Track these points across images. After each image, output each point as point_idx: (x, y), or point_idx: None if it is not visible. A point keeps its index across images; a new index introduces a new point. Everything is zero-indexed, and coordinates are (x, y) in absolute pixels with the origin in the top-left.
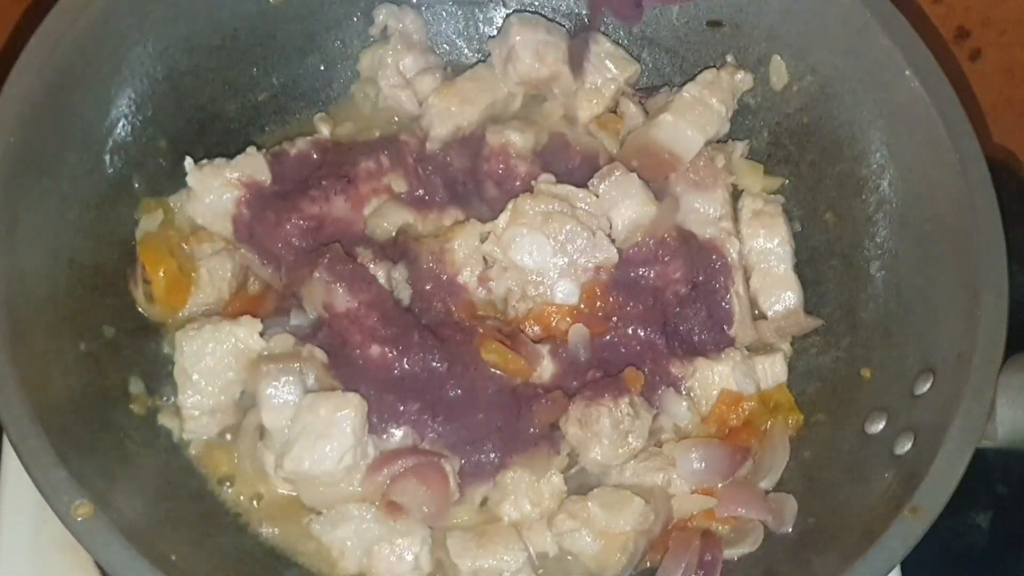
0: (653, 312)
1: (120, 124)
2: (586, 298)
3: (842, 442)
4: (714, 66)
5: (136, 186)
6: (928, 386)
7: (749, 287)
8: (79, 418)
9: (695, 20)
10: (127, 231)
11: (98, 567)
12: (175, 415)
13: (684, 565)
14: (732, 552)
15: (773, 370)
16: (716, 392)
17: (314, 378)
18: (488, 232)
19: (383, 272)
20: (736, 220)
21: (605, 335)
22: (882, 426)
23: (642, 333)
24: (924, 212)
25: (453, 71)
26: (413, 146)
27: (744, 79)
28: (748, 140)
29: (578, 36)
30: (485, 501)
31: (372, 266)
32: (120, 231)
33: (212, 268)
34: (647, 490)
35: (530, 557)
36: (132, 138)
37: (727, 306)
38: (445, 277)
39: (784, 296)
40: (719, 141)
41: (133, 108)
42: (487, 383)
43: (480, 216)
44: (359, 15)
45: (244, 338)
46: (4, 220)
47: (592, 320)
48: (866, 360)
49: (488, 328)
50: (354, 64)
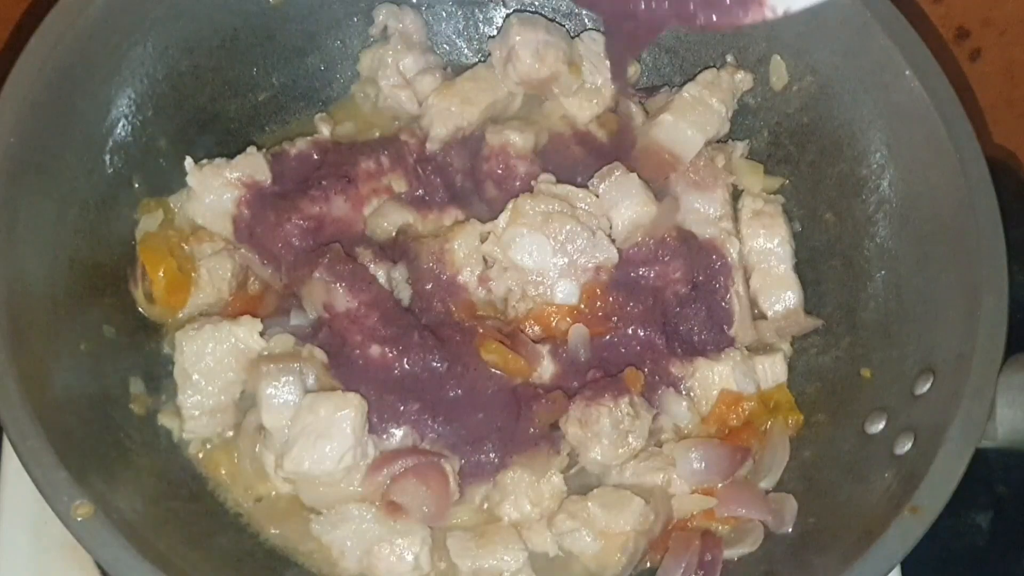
0: (653, 312)
1: (120, 124)
2: (586, 298)
3: (842, 442)
4: (714, 66)
5: (136, 186)
6: (928, 386)
7: (749, 287)
8: (79, 418)
9: None
10: (127, 231)
11: (98, 567)
12: (175, 415)
13: (684, 565)
14: (732, 552)
15: (773, 370)
16: (716, 392)
17: (314, 378)
18: (488, 232)
19: (383, 272)
20: (736, 220)
21: (605, 335)
22: (882, 426)
23: (642, 333)
24: (924, 212)
25: (453, 71)
26: (413, 146)
27: (744, 79)
28: (748, 140)
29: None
30: (485, 501)
31: (372, 266)
32: (120, 231)
33: (212, 268)
34: (647, 490)
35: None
36: (132, 138)
37: (727, 306)
38: (445, 277)
39: (784, 296)
40: (719, 141)
41: (133, 108)
42: (487, 383)
43: (480, 216)
44: (359, 15)
45: (244, 338)
46: (4, 220)
47: (592, 320)
48: (866, 360)
49: (488, 328)
50: (354, 64)
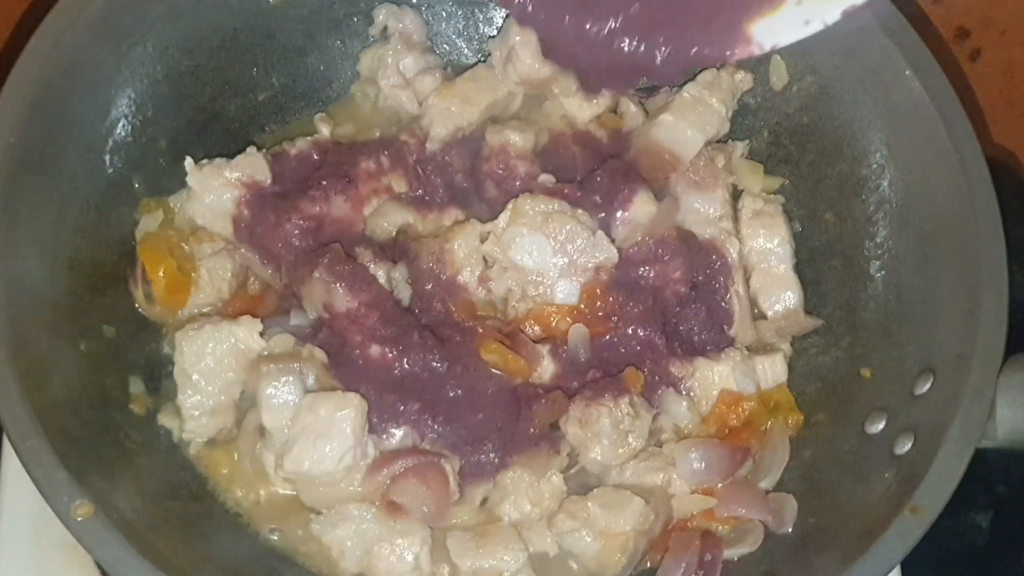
0: (653, 312)
1: (120, 124)
2: (586, 298)
3: (842, 442)
4: (714, 66)
5: (136, 186)
6: (928, 386)
7: (749, 287)
8: (79, 418)
9: None
10: (127, 231)
11: (98, 567)
12: (175, 415)
13: (684, 565)
14: (732, 552)
15: (773, 370)
16: (716, 392)
17: (314, 378)
18: (488, 232)
19: (383, 272)
20: (736, 220)
21: (605, 335)
22: (882, 426)
23: (642, 333)
24: (924, 212)
25: (453, 71)
26: (413, 146)
27: (744, 79)
28: (748, 140)
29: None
30: (485, 501)
31: (372, 266)
32: (120, 231)
33: (212, 268)
34: (647, 490)
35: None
36: (132, 138)
37: (727, 306)
38: (445, 277)
39: (784, 296)
40: (719, 141)
41: (133, 108)
42: (487, 383)
43: (480, 216)
44: (359, 15)
45: (244, 338)
46: (4, 220)
47: (592, 320)
48: (866, 360)
49: (488, 328)
50: (354, 64)
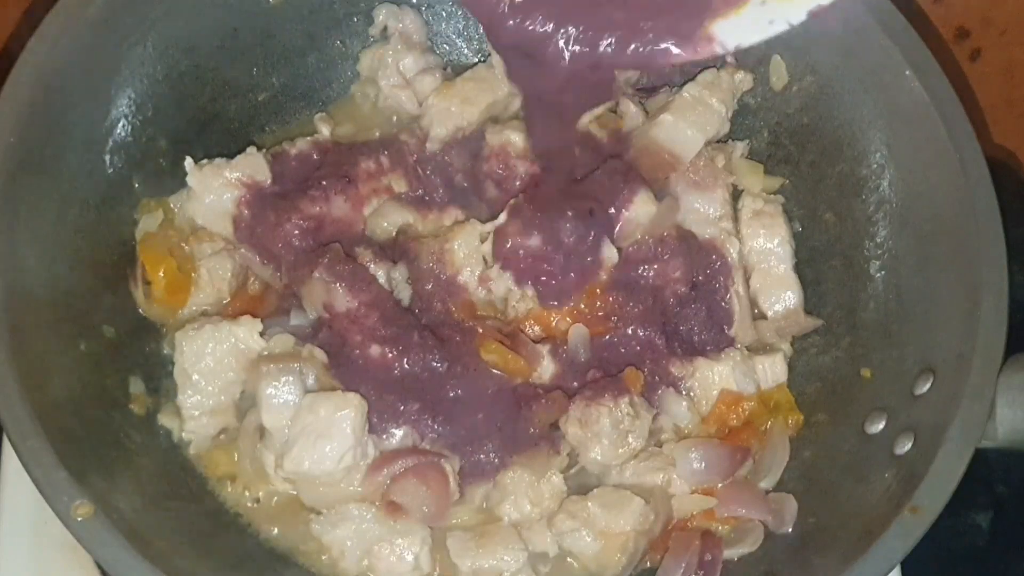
0: (653, 312)
1: (120, 124)
2: (586, 298)
3: (842, 442)
4: (714, 66)
5: (136, 186)
6: (928, 386)
7: (749, 287)
8: (79, 418)
9: None
10: (127, 231)
11: (98, 567)
12: (175, 415)
13: (684, 565)
14: (732, 552)
15: (773, 370)
16: (716, 392)
17: (314, 378)
18: (488, 232)
19: (383, 272)
20: (736, 220)
21: (605, 335)
22: (882, 426)
23: (642, 333)
24: (924, 212)
25: (453, 71)
26: (413, 146)
27: (744, 79)
28: (748, 140)
29: None
30: (485, 501)
31: (372, 266)
32: (120, 231)
33: (212, 268)
34: (647, 490)
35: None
36: (132, 138)
37: (727, 306)
38: (445, 277)
39: (784, 296)
40: (719, 141)
41: (133, 108)
42: (487, 383)
43: (480, 216)
44: (359, 15)
45: (244, 338)
46: (4, 220)
47: (592, 320)
48: (866, 360)
49: (488, 328)
50: (354, 64)
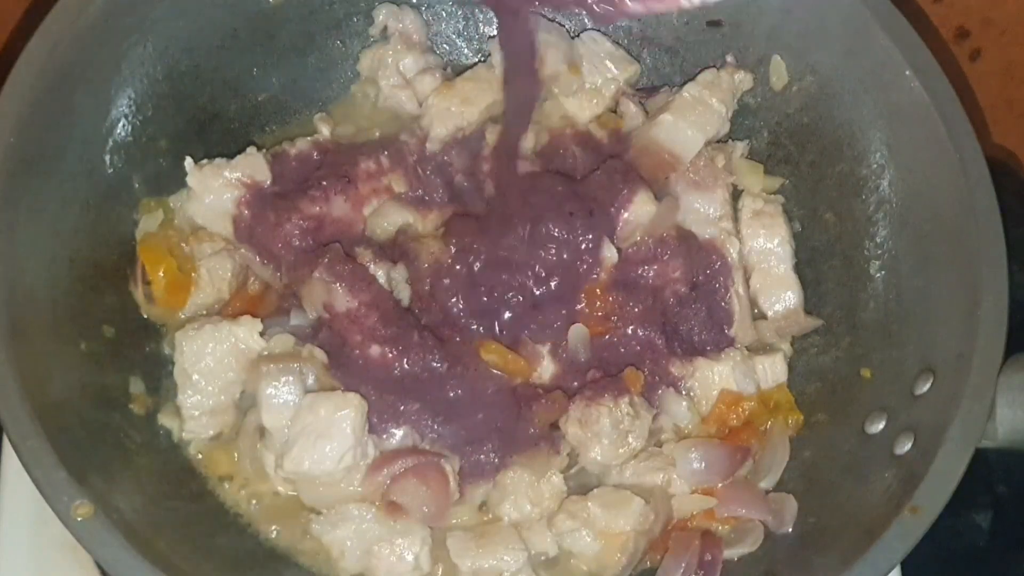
0: (653, 312)
1: (120, 124)
2: (586, 298)
3: (842, 442)
4: (714, 66)
5: (136, 186)
6: (928, 386)
7: (749, 287)
8: (79, 418)
9: (695, 20)
10: (127, 231)
11: (98, 567)
12: (175, 415)
13: (684, 565)
14: (732, 552)
15: (773, 370)
16: (716, 392)
17: (314, 378)
18: None
19: (383, 272)
20: (736, 220)
21: (605, 335)
22: (882, 426)
23: (642, 333)
24: (924, 212)
25: (453, 71)
26: (413, 146)
27: (744, 79)
28: (748, 140)
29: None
30: (485, 501)
31: (372, 266)
32: (120, 231)
33: (212, 268)
34: (647, 490)
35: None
36: (132, 138)
37: (727, 306)
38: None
39: (784, 296)
40: (719, 141)
41: (133, 108)
42: (487, 383)
43: (480, 216)
44: (359, 15)
45: (244, 338)
46: (4, 220)
47: (592, 320)
48: (866, 360)
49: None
50: (354, 64)
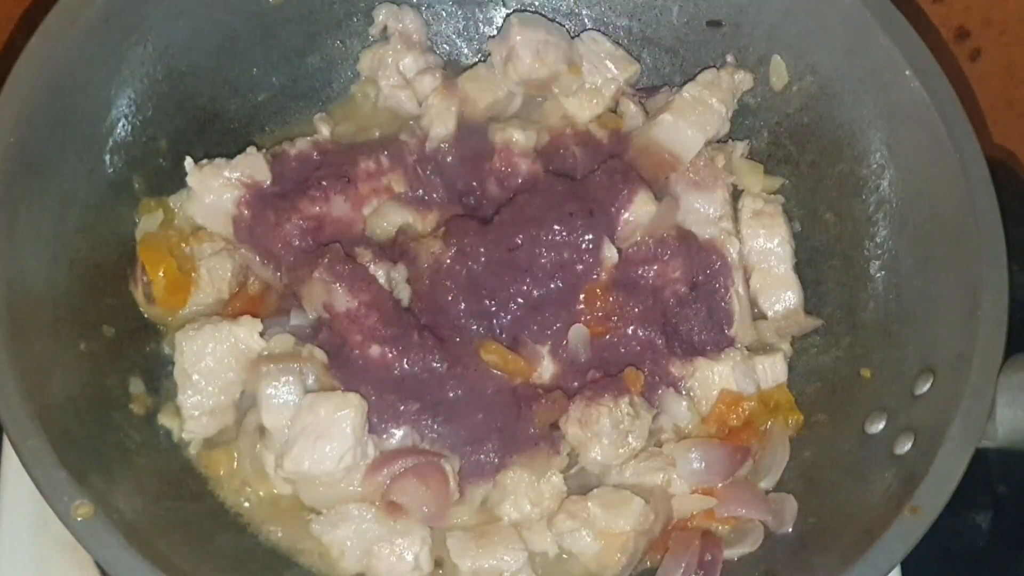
0: (653, 312)
1: (120, 124)
2: (586, 298)
3: (842, 442)
4: (714, 66)
5: (136, 186)
6: (928, 386)
7: (749, 287)
8: (79, 418)
9: (695, 20)
10: (127, 231)
11: (98, 567)
12: (175, 415)
13: (684, 565)
14: (732, 552)
15: (773, 370)
16: (716, 392)
17: (314, 378)
18: None
19: (383, 272)
20: (736, 220)
21: (605, 335)
22: (882, 426)
23: (642, 333)
24: (924, 212)
25: (453, 71)
26: (413, 146)
27: (744, 79)
28: (748, 140)
29: None
30: (485, 501)
31: (372, 266)
32: (120, 231)
33: (212, 268)
34: (647, 490)
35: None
36: (132, 138)
37: (727, 306)
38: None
39: (784, 296)
40: (719, 141)
41: (133, 108)
42: (487, 383)
43: (480, 215)
44: (359, 15)
45: (244, 338)
46: (4, 220)
47: (592, 320)
48: (866, 360)
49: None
50: (354, 64)
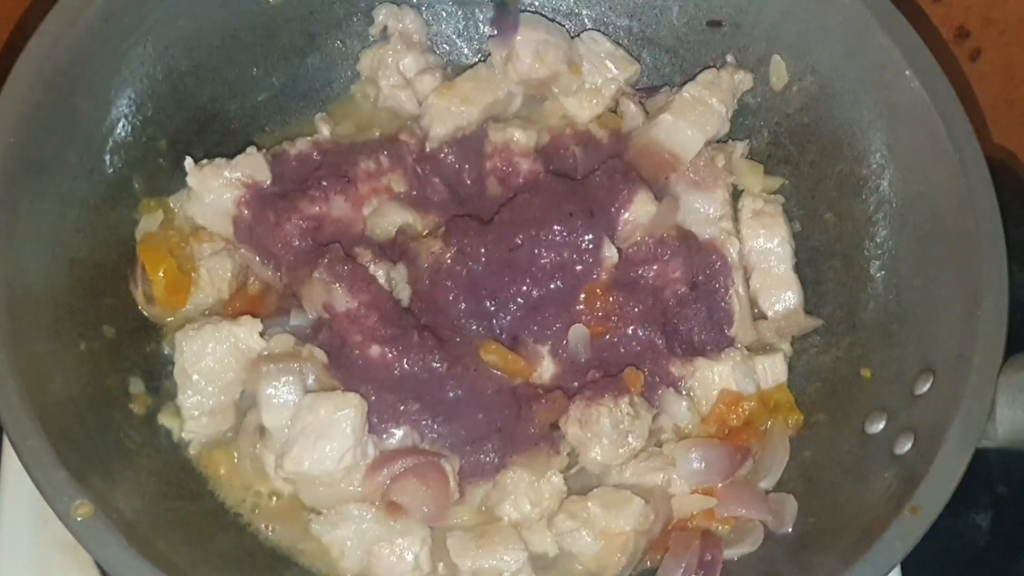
0: (653, 312)
1: (120, 124)
2: (586, 298)
3: (842, 442)
4: (714, 66)
5: (136, 186)
6: (928, 386)
7: (749, 287)
8: (79, 418)
9: (695, 20)
10: (127, 231)
11: (98, 567)
12: (175, 415)
13: (684, 565)
14: (732, 552)
15: (773, 370)
16: (716, 392)
17: (314, 378)
18: None
19: (383, 272)
20: (736, 220)
21: (605, 335)
22: (882, 426)
23: (642, 333)
24: (924, 212)
25: (453, 71)
26: (413, 146)
27: (744, 79)
28: (748, 140)
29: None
30: (485, 501)
31: (372, 266)
32: (120, 231)
33: (212, 268)
34: (647, 490)
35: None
36: (132, 138)
37: (727, 306)
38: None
39: (784, 296)
40: (719, 141)
41: (133, 108)
42: (487, 383)
43: (480, 215)
44: (359, 15)
45: (244, 338)
46: (4, 220)
47: (592, 320)
48: (866, 360)
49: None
50: (354, 64)
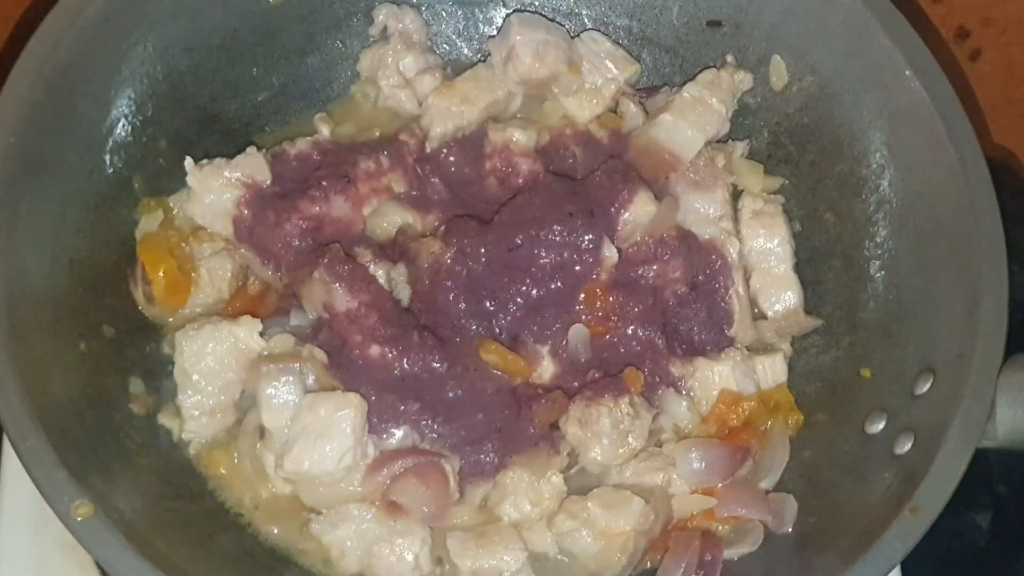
0: (653, 312)
1: (120, 124)
2: (586, 298)
3: (842, 442)
4: (714, 66)
5: (136, 186)
6: (928, 386)
7: (749, 287)
8: (79, 418)
9: (695, 20)
10: (127, 231)
11: (98, 567)
12: (175, 415)
13: (684, 565)
14: (732, 552)
15: (773, 370)
16: (716, 392)
17: (314, 378)
18: None
19: (383, 272)
20: (736, 220)
21: (605, 335)
22: (882, 426)
23: (642, 333)
24: (924, 212)
25: (453, 71)
26: (413, 146)
27: (744, 79)
28: (748, 140)
29: None
30: (485, 501)
31: (372, 266)
32: (120, 231)
33: (212, 268)
34: (647, 490)
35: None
36: (132, 138)
37: (727, 306)
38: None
39: (784, 296)
40: (719, 141)
41: (133, 108)
42: (487, 383)
43: (481, 215)
44: (359, 15)
45: (244, 338)
46: (4, 220)
47: (592, 320)
48: (866, 360)
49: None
50: (354, 64)
